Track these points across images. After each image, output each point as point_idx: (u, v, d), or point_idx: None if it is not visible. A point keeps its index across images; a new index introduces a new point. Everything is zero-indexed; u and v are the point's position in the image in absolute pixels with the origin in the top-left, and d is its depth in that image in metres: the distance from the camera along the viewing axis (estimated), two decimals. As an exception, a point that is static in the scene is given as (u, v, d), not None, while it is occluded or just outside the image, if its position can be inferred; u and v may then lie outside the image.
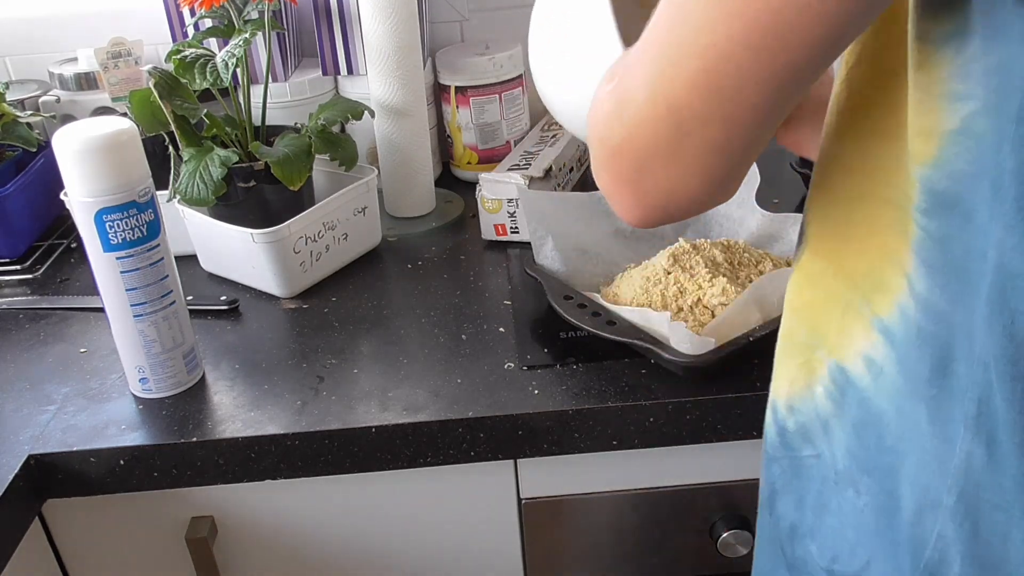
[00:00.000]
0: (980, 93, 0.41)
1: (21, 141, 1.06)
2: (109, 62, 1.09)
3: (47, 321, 0.95)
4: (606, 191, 0.51)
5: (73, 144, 0.70)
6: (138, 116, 0.92)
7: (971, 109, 0.41)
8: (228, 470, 0.77)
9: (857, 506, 0.51)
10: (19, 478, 0.73)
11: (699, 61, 0.42)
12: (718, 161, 0.46)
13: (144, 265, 0.75)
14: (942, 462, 0.46)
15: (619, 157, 0.48)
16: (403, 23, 1.00)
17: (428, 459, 0.77)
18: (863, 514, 0.51)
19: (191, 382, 0.82)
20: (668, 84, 0.44)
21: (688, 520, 0.86)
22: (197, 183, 0.90)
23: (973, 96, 0.41)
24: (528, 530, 0.86)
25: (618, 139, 0.47)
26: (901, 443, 0.48)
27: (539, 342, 0.84)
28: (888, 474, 0.49)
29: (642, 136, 0.46)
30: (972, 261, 0.43)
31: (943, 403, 0.45)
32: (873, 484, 0.50)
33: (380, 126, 1.06)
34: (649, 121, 0.45)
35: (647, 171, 0.47)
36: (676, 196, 0.48)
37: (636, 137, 0.46)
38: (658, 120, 0.45)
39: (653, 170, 0.47)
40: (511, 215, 1.02)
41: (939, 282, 0.45)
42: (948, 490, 0.46)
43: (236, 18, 0.97)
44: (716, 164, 0.46)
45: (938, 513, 0.46)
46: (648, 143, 0.46)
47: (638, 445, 0.78)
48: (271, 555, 0.85)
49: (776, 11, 0.40)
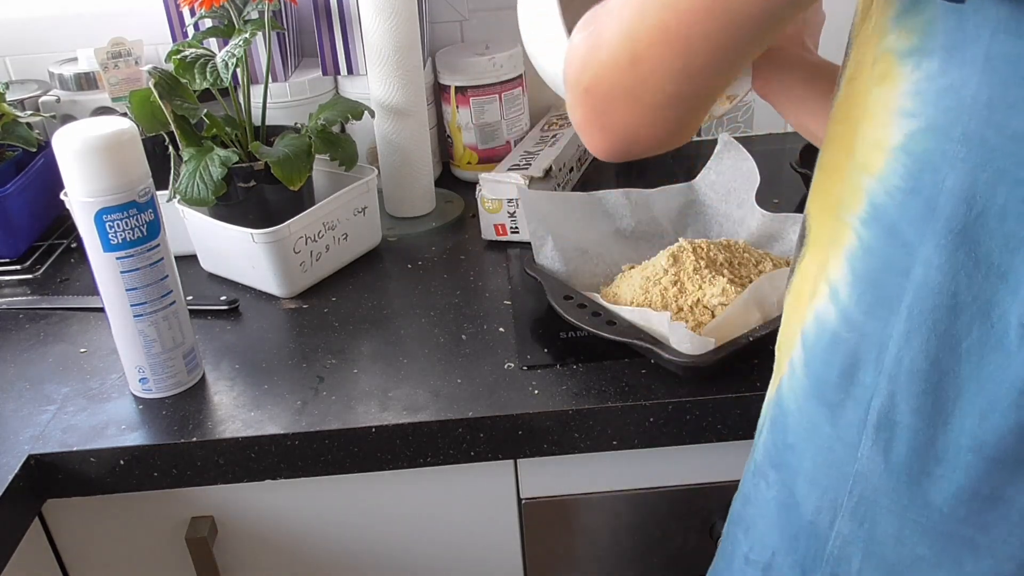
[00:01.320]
0: (929, 112, 0.42)
1: (21, 141, 1.06)
2: (109, 62, 1.09)
3: (47, 321, 0.95)
4: (577, 127, 0.55)
5: (73, 144, 0.70)
6: (138, 116, 0.92)
7: (916, 127, 0.43)
8: (228, 470, 0.77)
9: (766, 498, 0.55)
10: (19, 478, 0.73)
11: (661, 17, 0.46)
12: (673, 110, 0.50)
13: (144, 265, 0.75)
14: (841, 465, 0.49)
15: (588, 96, 0.52)
16: (403, 23, 1.00)
17: (428, 459, 0.77)
18: (770, 506, 0.54)
19: (191, 382, 0.82)
20: (633, 36, 0.48)
21: (688, 520, 0.86)
22: (197, 183, 0.90)
23: (921, 115, 0.43)
24: (528, 530, 0.86)
25: (588, 81, 0.51)
26: (801, 442, 0.51)
27: (539, 342, 0.84)
28: (789, 471, 0.52)
29: (607, 80, 0.50)
30: (892, 275, 0.45)
31: (847, 409, 0.48)
32: (777, 479, 0.53)
33: (380, 126, 1.07)
34: (614, 67, 0.49)
35: (611, 111, 0.51)
36: (637, 136, 0.52)
37: (603, 80, 0.50)
38: (621, 68, 0.49)
39: (616, 111, 0.51)
40: (511, 215, 1.02)
41: (858, 291, 0.47)
42: (848, 492, 0.48)
43: (236, 18, 0.97)
44: (671, 112, 0.50)
45: (837, 513, 0.49)
46: (613, 86, 0.50)
47: (638, 445, 0.78)
48: (271, 555, 0.85)
49: None
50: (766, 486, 0.55)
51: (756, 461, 0.56)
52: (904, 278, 0.44)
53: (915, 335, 0.44)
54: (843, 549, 0.49)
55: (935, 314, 0.43)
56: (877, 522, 0.48)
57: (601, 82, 0.50)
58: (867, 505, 0.48)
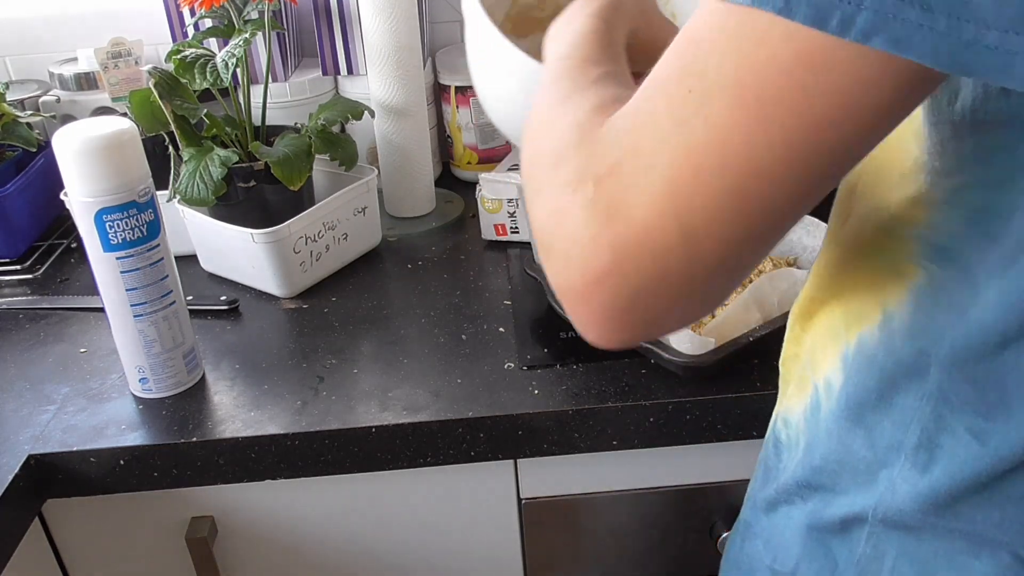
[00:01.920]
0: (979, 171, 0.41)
1: (21, 141, 1.06)
2: (109, 62, 1.09)
3: (47, 321, 0.95)
4: (575, 317, 0.41)
5: (73, 144, 0.70)
6: (138, 116, 0.92)
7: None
8: (228, 470, 0.77)
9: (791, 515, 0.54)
10: (19, 478, 0.73)
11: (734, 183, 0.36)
12: (730, 282, 0.40)
13: (144, 265, 0.75)
14: (876, 483, 0.48)
15: (602, 286, 0.39)
16: (403, 23, 1.00)
17: (428, 459, 0.77)
18: (795, 521, 0.53)
19: (191, 382, 0.82)
20: (684, 206, 0.37)
21: (688, 520, 0.86)
22: (197, 183, 0.90)
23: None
24: (528, 530, 0.86)
25: (604, 264, 0.38)
26: (832, 464, 0.50)
27: (539, 342, 0.84)
28: (820, 490, 0.51)
29: (642, 264, 0.38)
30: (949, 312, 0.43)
31: (882, 431, 0.47)
32: (811, 494, 0.52)
33: (380, 126, 1.07)
34: (653, 247, 0.37)
35: (641, 302, 0.39)
36: (670, 323, 0.41)
37: (630, 263, 0.38)
38: (667, 247, 0.37)
39: (650, 301, 0.39)
40: (511, 215, 1.02)
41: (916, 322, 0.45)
42: (873, 510, 0.48)
43: (236, 18, 0.97)
44: (727, 285, 0.40)
45: (866, 523, 0.48)
46: (649, 272, 0.38)
47: (638, 445, 0.78)
48: (271, 555, 0.85)
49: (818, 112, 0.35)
50: (789, 507, 0.54)
51: (781, 482, 0.55)
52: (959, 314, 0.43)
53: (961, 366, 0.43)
54: (876, 548, 0.49)
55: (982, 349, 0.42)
56: (911, 527, 0.47)
57: (630, 269, 0.38)
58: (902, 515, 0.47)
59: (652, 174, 0.37)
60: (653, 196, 0.37)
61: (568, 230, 0.40)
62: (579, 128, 0.43)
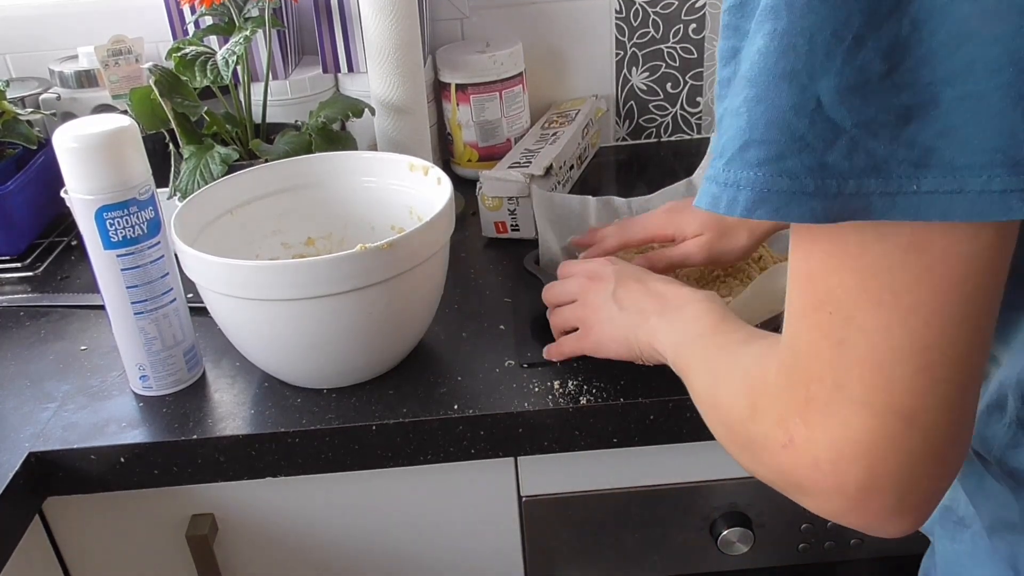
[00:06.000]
0: None
1: (21, 139, 1.06)
2: (109, 60, 1.09)
3: (47, 319, 0.95)
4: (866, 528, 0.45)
5: (73, 142, 0.70)
6: (138, 114, 0.92)
7: None
8: (229, 468, 0.77)
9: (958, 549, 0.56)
10: (19, 476, 0.73)
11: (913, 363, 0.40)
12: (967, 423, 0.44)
13: (144, 263, 0.75)
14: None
15: (869, 496, 0.43)
16: (403, 20, 1.00)
17: (428, 457, 0.77)
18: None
19: (191, 380, 0.82)
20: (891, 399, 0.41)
21: (688, 517, 0.86)
22: (197, 181, 0.90)
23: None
24: (529, 527, 0.86)
25: (859, 478, 0.42)
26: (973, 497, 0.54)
27: (539, 340, 0.84)
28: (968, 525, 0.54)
29: (886, 462, 0.42)
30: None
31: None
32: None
33: (380, 124, 1.06)
34: (887, 443, 0.41)
35: (907, 488, 0.43)
36: (943, 482, 0.44)
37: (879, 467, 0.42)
38: (896, 437, 0.41)
39: (914, 484, 0.43)
40: (511, 212, 1.02)
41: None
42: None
43: (236, 16, 0.97)
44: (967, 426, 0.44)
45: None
46: (896, 464, 0.42)
47: (638, 442, 0.78)
48: (272, 552, 0.85)
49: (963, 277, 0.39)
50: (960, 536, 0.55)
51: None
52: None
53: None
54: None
55: None
56: None
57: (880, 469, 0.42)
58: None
59: (844, 391, 0.41)
60: (860, 403, 0.41)
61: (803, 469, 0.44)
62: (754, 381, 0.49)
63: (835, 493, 0.43)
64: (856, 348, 0.41)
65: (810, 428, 0.43)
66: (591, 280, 0.76)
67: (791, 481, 0.46)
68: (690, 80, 1.27)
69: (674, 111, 1.29)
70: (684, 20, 1.23)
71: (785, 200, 0.38)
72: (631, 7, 1.22)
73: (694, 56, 1.25)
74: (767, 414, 0.46)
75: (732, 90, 0.40)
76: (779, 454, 0.45)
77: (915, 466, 0.42)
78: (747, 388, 0.50)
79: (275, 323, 0.73)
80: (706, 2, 1.22)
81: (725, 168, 0.40)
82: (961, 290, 0.39)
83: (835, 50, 0.36)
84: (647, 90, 1.28)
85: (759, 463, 0.48)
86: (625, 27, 1.23)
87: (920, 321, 0.39)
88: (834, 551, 0.87)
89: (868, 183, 0.37)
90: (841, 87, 0.36)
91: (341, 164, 0.90)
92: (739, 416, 0.49)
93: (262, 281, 0.71)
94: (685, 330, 0.64)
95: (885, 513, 0.43)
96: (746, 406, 0.49)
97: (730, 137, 0.40)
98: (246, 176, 0.87)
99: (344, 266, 0.70)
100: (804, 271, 0.42)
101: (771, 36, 0.37)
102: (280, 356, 0.77)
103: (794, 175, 0.38)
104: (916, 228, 0.38)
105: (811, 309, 0.42)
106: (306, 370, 0.78)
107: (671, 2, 1.22)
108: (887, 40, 0.35)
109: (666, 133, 1.31)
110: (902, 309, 0.39)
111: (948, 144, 0.36)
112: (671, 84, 1.27)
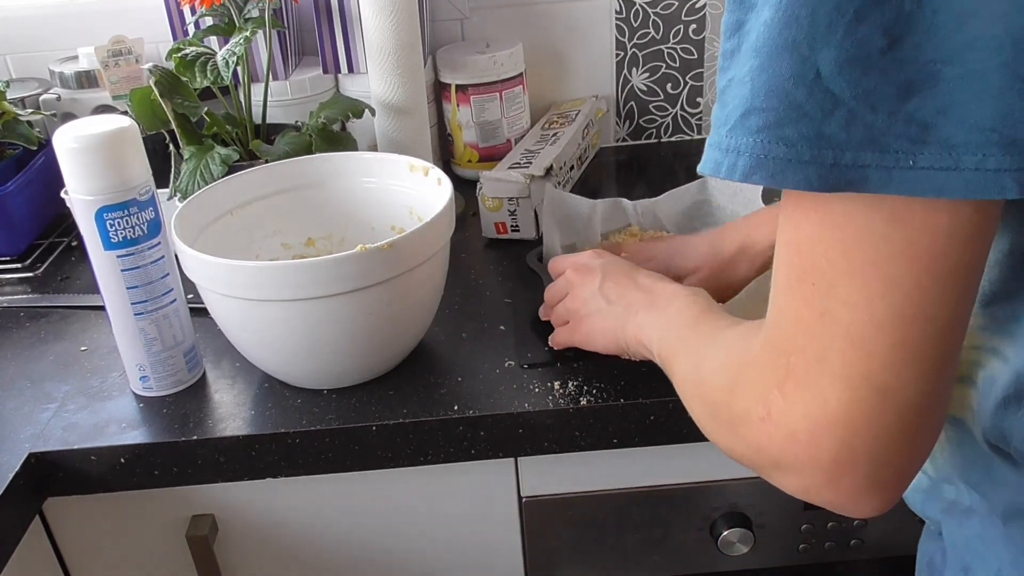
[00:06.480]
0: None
1: (22, 139, 1.06)
2: (110, 60, 1.09)
3: (48, 319, 0.95)
4: (839, 507, 0.45)
5: (73, 142, 0.70)
6: (138, 114, 0.92)
7: None
8: (229, 468, 0.77)
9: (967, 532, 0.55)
10: (19, 476, 0.73)
11: (897, 337, 0.41)
12: (942, 401, 0.44)
13: (145, 263, 0.75)
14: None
15: (842, 469, 0.43)
16: (404, 21, 1.00)
17: (428, 457, 0.77)
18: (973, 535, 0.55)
19: (192, 380, 0.82)
20: (868, 371, 0.41)
21: (689, 518, 0.86)
22: (198, 181, 0.90)
23: None
24: (529, 528, 0.86)
25: (833, 451, 0.43)
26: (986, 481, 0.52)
27: (539, 340, 0.84)
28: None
29: (860, 435, 0.42)
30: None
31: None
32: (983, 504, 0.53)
33: (380, 124, 1.06)
34: (861, 416, 0.42)
35: (881, 463, 0.43)
36: (917, 460, 0.45)
37: (853, 439, 0.42)
38: (874, 408, 0.42)
39: (887, 459, 0.43)
40: (511, 213, 1.02)
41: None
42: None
43: (237, 16, 0.97)
44: (942, 404, 0.44)
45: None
46: (871, 438, 0.42)
47: (638, 443, 0.78)
48: (272, 553, 0.85)
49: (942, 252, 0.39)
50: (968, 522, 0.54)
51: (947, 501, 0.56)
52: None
53: None
54: None
55: None
56: None
57: (855, 442, 0.42)
58: None
59: (824, 363, 0.42)
60: (837, 375, 0.42)
61: (779, 442, 0.44)
62: (737, 357, 0.50)
63: (809, 466, 0.44)
64: (837, 320, 0.41)
65: (788, 401, 0.43)
66: (579, 274, 0.77)
67: (768, 456, 0.46)
68: (690, 81, 1.27)
69: (674, 112, 1.29)
70: (684, 21, 1.23)
71: (781, 167, 0.39)
72: (631, 7, 1.22)
73: (694, 57, 1.25)
74: (748, 388, 0.46)
75: (737, 61, 0.41)
76: (757, 428, 0.45)
77: (889, 441, 0.42)
78: (729, 363, 0.50)
79: (275, 324, 0.73)
80: (706, 3, 1.22)
81: (728, 135, 0.41)
82: (941, 264, 0.39)
83: (837, 22, 0.37)
84: (647, 91, 1.28)
85: (737, 439, 0.48)
86: (625, 28, 1.23)
87: (900, 294, 0.40)
88: (834, 551, 0.87)
89: (865, 156, 0.38)
90: (841, 59, 0.37)
91: (341, 165, 0.90)
92: (720, 391, 0.50)
93: (262, 282, 0.71)
94: (670, 323, 0.65)
95: (857, 489, 0.44)
96: (727, 380, 0.49)
97: (734, 106, 0.40)
98: (246, 177, 0.87)
99: (344, 267, 0.70)
100: (790, 242, 0.43)
101: (776, 8, 0.38)
102: (280, 357, 0.77)
103: (791, 143, 0.38)
104: (898, 201, 0.38)
105: (795, 280, 0.42)
106: (306, 371, 0.78)
107: (671, 3, 1.22)
108: (889, 15, 0.36)
109: (666, 134, 1.31)
110: (883, 281, 0.40)
111: (946, 122, 0.36)
112: (671, 85, 1.27)
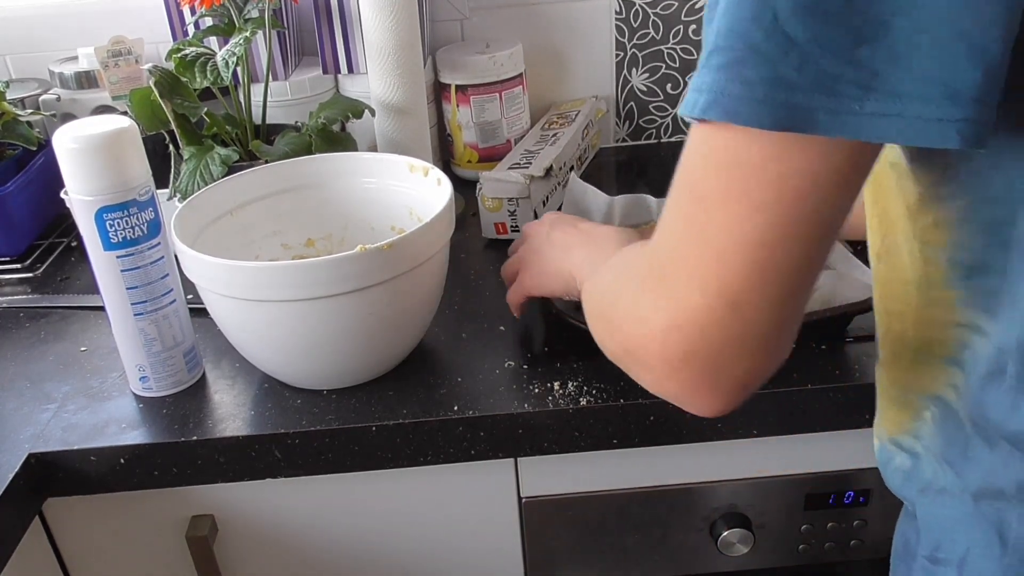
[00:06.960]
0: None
1: (21, 140, 1.06)
2: (109, 60, 1.09)
3: (47, 320, 0.95)
4: (678, 399, 0.50)
5: (73, 143, 0.70)
6: (138, 115, 0.92)
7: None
8: (229, 469, 0.77)
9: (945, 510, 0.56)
10: (19, 477, 0.73)
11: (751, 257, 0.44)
12: (784, 331, 0.47)
13: (144, 264, 0.75)
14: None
15: (686, 365, 0.47)
16: (403, 21, 1.00)
17: (428, 458, 0.77)
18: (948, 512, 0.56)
19: (191, 381, 0.82)
20: (723, 285, 0.44)
21: (689, 518, 0.86)
22: (197, 182, 0.90)
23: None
24: (528, 528, 0.86)
25: (680, 348, 0.46)
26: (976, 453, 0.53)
27: (539, 340, 0.84)
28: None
29: (709, 338, 0.45)
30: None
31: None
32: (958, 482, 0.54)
33: (380, 124, 1.06)
34: (714, 323, 0.45)
35: (721, 367, 0.46)
36: (753, 376, 0.48)
37: (699, 340, 0.46)
38: (723, 321, 0.45)
39: (728, 364, 0.46)
40: (511, 213, 1.02)
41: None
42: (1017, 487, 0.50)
43: (236, 16, 0.97)
44: (786, 333, 0.47)
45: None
46: (717, 343, 0.46)
47: (638, 443, 0.78)
48: (272, 554, 0.85)
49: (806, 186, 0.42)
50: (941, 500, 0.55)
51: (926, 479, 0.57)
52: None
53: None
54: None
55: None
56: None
57: (700, 344, 0.46)
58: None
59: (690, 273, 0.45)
60: (697, 284, 0.45)
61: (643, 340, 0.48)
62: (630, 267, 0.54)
63: (659, 360, 0.47)
64: (707, 236, 0.44)
65: (656, 305, 0.47)
66: (531, 227, 0.82)
67: (635, 356, 0.50)
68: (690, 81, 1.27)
69: (674, 112, 1.29)
70: (684, 21, 1.23)
71: (735, 104, 0.41)
72: (631, 8, 1.22)
73: (694, 57, 1.25)
74: (633, 293, 0.50)
75: (716, 11, 0.43)
76: (632, 328, 0.49)
77: (731, 351, 0.46)
78: (624, 273, 0.54)
79: (275, 324, 0.73)
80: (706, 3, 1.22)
81: (696, 75, 0.44)
82: (804, 203, 0.42)
83: None
84: (647, 91, 1.28)
85: (616, 342, 0.52)
86: (625, 28, 1.23)
87: (764, 221, 0.42)
88: (834, 552, 0.87)
89: (815, 98, 0.39)
90: (797, 3, 0.39)
91: (341, 165, 0.90)
92: (611, 298, 0.54)
93: (262, 282, 0.71)
94: (599, 258, 0.68)
95: (695, 384, 0.47)
96: (618, 287, 0.53)
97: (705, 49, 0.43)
98: (246, 177, 0.87)
99: (344, 267, 0.70)
100: (683, 163, 0.46)
101: None
102: (280, 357, 0.77)
103: (747, 82, 0.40)
104: (778, 139, 0.41)
105: (684, 199, 0.46)
106: (306, 371, 0.78)
107: (671, 3, 1.22)
108: None
109: (666, 134, 1.31)
110: (751, 207, 0.43)
111: (894, 70, 0.38)
112: (671, 85, 1.27)
